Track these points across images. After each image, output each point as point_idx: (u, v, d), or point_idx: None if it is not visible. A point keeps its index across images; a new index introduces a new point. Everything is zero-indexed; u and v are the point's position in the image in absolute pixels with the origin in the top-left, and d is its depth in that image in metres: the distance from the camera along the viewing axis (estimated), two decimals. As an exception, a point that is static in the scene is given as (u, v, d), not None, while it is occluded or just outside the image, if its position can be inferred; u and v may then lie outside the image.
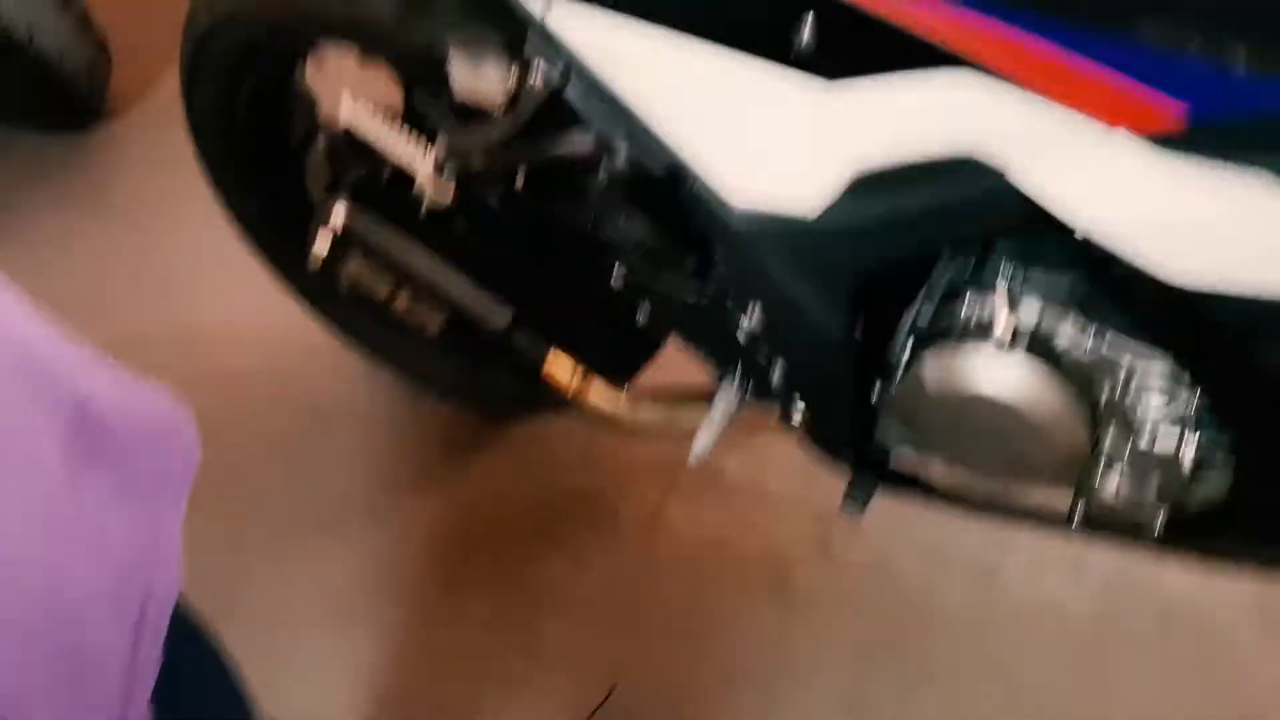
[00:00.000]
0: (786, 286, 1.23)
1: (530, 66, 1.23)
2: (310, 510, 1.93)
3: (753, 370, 1.37)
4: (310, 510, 1.93)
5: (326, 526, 1.91)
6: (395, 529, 1.89)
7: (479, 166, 1.32)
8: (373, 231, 1.40)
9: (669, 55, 1.14)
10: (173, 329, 2.25)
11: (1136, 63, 0.90)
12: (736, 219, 1.20)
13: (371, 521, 1.91)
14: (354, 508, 1.93)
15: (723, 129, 1.16)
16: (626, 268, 1.34)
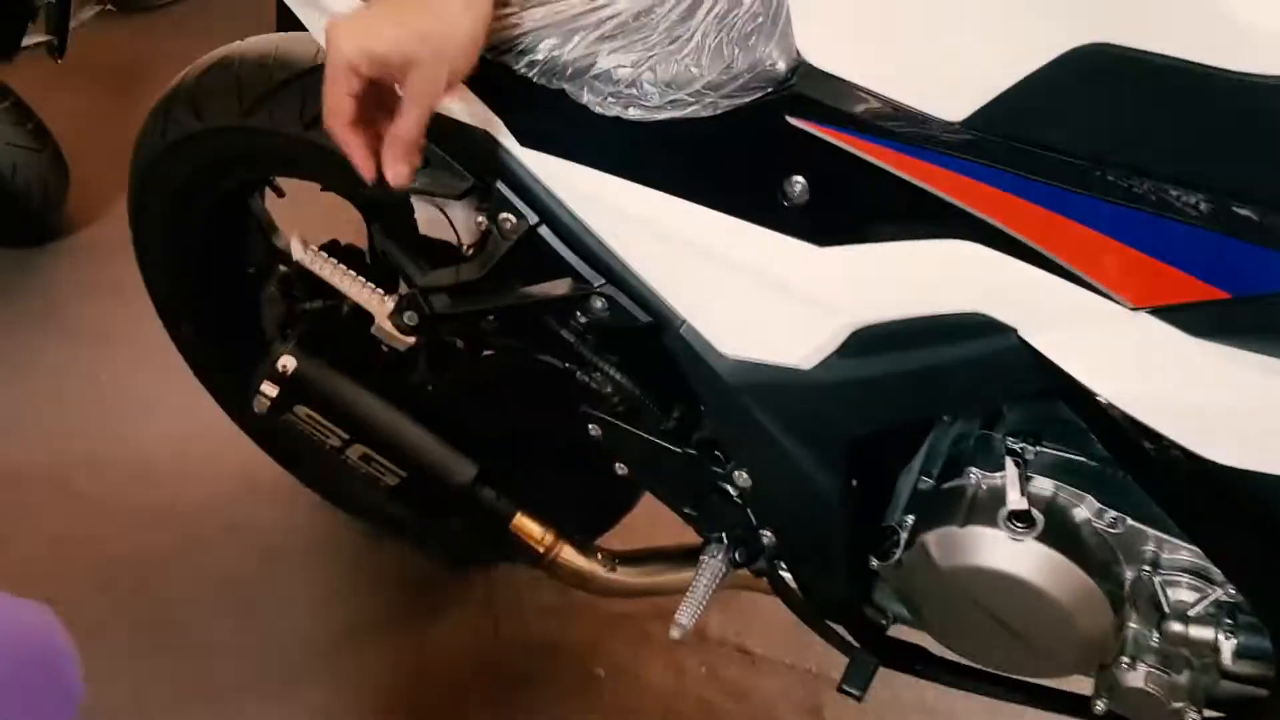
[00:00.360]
0: (777, 441, 1.13)
1: (501, 207, 1.13)
2: (254, 663, 1.79)
3: (739, 531, 1.26)
4: (254, 663, 1.79)
5: (270, 682, 1.76)
6: (344, 691, 1.74)
7: (444, 310, 1.21)
8: (324, 379, 1.28)
9: (652, 210, 1.05)
10: (123, 454, 2.14)
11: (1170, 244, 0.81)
12: (725, 368, 1.10)
13: (318, 679, 1.76)
14: (299, 661, 1.79)
15: (710, 281, 1.07)
16: (603, 418, 1.23)
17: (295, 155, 1.36)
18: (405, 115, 0.99)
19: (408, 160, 1.02)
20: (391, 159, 1.02)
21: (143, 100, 2.83)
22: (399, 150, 1.01)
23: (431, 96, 0.98)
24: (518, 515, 1.34)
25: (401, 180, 1.03)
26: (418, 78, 0.96)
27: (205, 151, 1.44)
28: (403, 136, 1.00)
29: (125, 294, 2.39)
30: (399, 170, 1.02)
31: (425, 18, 0.95)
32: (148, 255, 1.64)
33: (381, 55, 0.95)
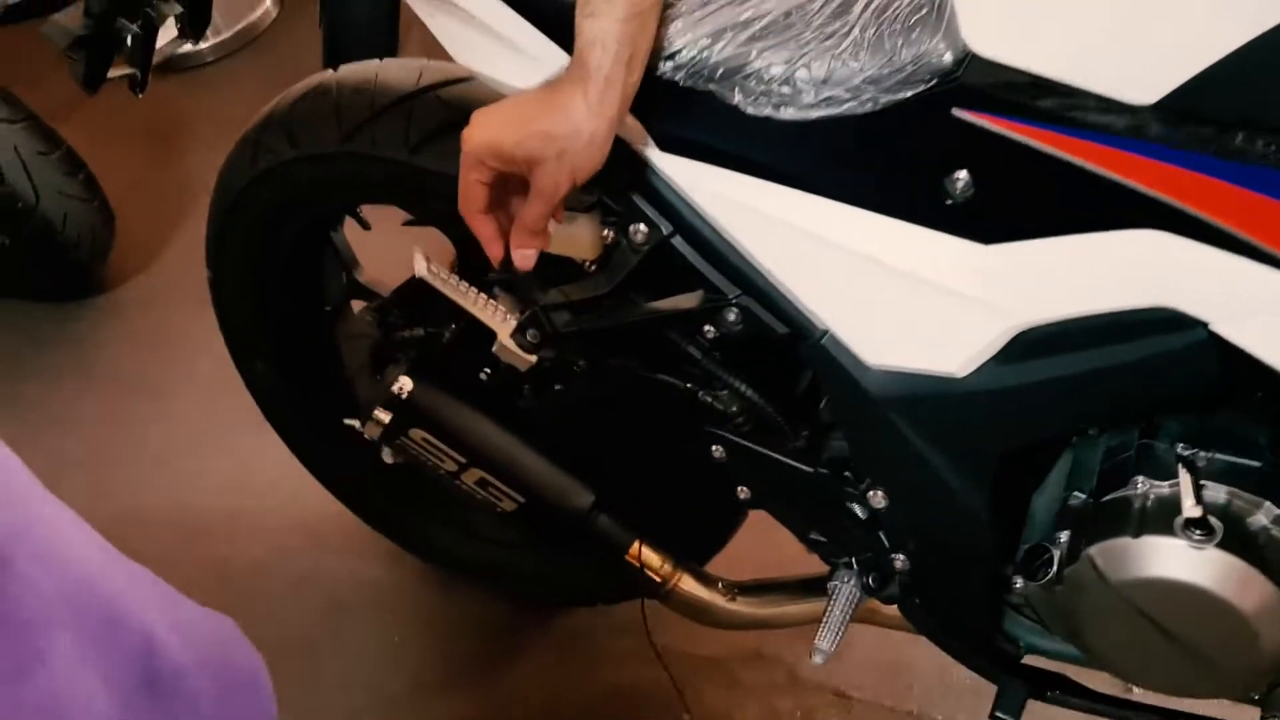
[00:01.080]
0: (922, 457, 1.08)
1: (633, 218, 1.10)
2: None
3: (870, 556, 1.21)
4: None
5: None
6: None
7: (566, 327, 1.17)
8: (441, 403, 1.24)
9: (801, 214, 1.02)
10: (173, 511, 2.07)
11: None
12: (870, 379, 1.06)
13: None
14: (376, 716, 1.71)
15: (859, 286, 1.03)
16: (728, 438, 1.19)
17: (398, 181, 1.33)
18: (530, 207, 1.01)
19: (533, 245, 1.05)
20: (517, 244, 1.05)
21: (184, 157, 2.86)
22: (524, 237, 1.04)
23: (555, 192, 0.99)
24: (635, 543, 1.29)
25: (527, 264, 1.06)
26: (542, 174, 0.98)
27: (298, 180, 1.41)
28: (528, 225, 1.03)
29: (172, 346, 2.38)
30: (524, 254, 1.05)
31: (552, 118, 0.96)
32: (224, 291, 1.60)
33: (507, 152, 0.98)
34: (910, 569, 1.19)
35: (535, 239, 1.04)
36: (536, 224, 1.02)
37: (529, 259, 1.05)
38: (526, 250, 1.04)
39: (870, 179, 1.00)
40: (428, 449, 1.24)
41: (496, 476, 1.24)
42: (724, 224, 1.07)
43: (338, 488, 1.77)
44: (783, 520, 1.25)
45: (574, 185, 0.99)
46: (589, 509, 1.27)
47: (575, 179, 0.99)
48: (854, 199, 1.01)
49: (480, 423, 1.25)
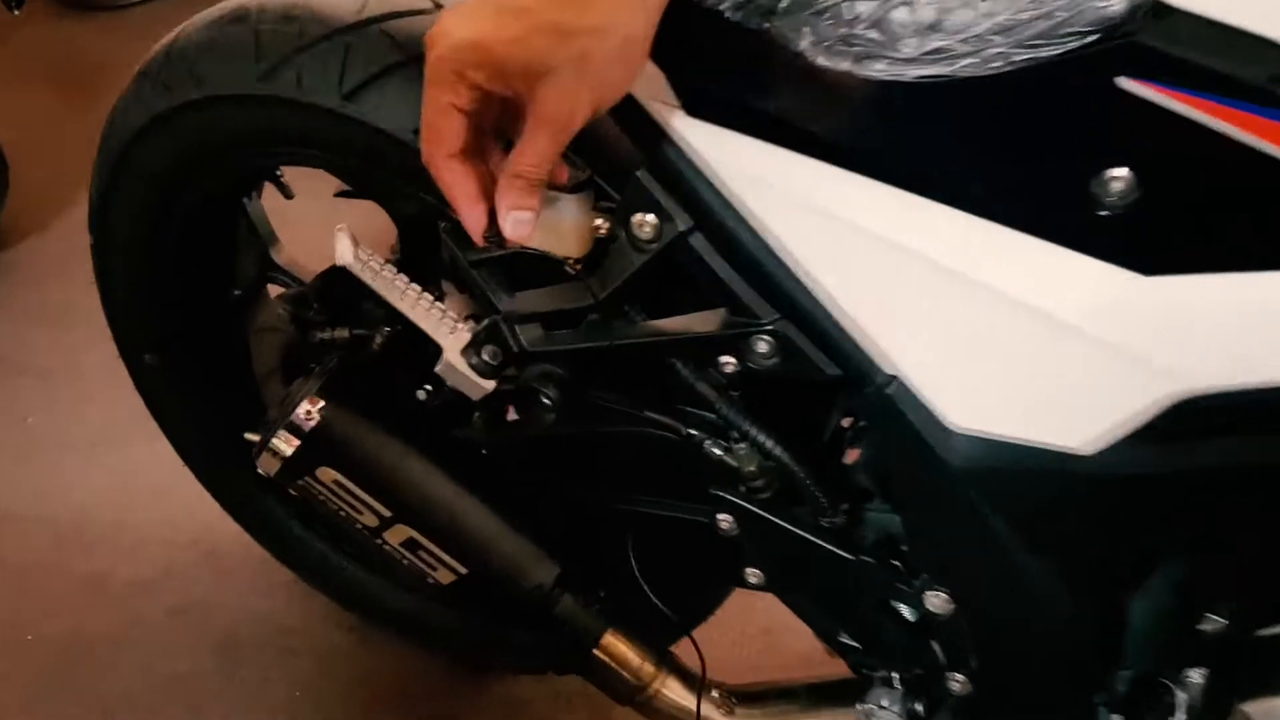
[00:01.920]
0: (1010, 553, 0.80)
1: (639, 205, 0.80)
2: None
3: (918, 671, 0.91)
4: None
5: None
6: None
7: (536, 346, 0.87)
8: (362, 435, 0.93)
9: (878, 214, 0.73)
10: (48, 516, 1.75)
11: None
12: (952, 445, 0.78)
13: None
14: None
15: (954, 318, 0.74)
16: (740, 506, 0.89)
17: (327, 135, 1.02)
18: (529, 143, 0.71)
19: (530, 204, 0.74)
20: (509, 202, 0.74)
21: (97, 106, 2.48)
22: (518, 192, 0.74)
23: (566, 121, 0.70)
24: (608, 634, 0.98)
25: (521, 232, 0.75)
26: (548, 92, 0.68)
27: (203, 128, 1.10)
28: (525, 173, 0.73)
29: (63, 324, 2.05)
30: (518, 217, 0.75)
31: (566, 5, 0.66)
32: (109, 263, 1.28)
33: (498, 57, 0.68)
34: (972, 694, 0.90)
35: (532, 194, 0.74)
36: (536, 170, 0.72)
37: (524, 223, 0.75)
38: (520, 212, 0.74)
39: (984, 171, 0.71)
40: (340, 496, 0.93)
41: (431, 538, 0.93)
42: (765, 221, 0.78)
43: (237, 508, 1.45)
44: (804, 615, 0.96)
45: (594, 113, 0.70)
46: (551, 586, 0.96)
47: (596, 103, 0.69)
48: (958, 199, 0.72)
49: (414, 465, 0.94)
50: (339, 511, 0.94)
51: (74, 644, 1.58)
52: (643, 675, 0.99)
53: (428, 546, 0.93)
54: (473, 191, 0.75)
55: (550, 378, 0.89)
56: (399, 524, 0.93)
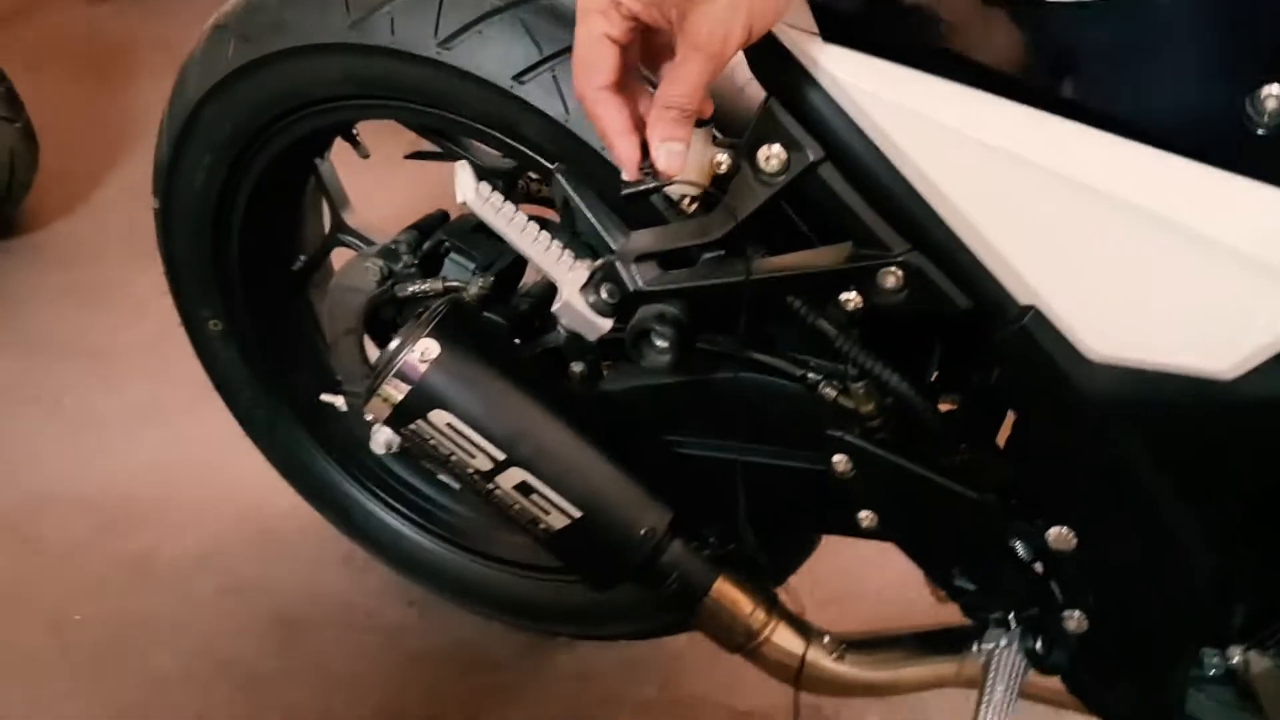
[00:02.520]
0: (1145, 486, 0.79)
1: (768, 136, 0.79)
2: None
3: (1034, 612, 0.91)
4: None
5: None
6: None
7: (654, 285, 0.86)
8: (479, 376, 0.91)
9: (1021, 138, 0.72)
10: (90, 495, 1.72)
11: None
12: (1090, 376, 0.77)
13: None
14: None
15: (1099, 244, 0.73)
16: (858, 446, 0.88)
17: (419, 84, 1.01)
18: (680, 71, 0.72)
19: (682, 135, 0.75)
20: (660, 134, 0.75)
21: (127, 87, 2.49)
22: (671, 122, 0.74)
23: (721, 48, 0.70)
24: (719, 580, 0.97)
25: (675, 164, 0.76)
26: (703, 19, 0.68)
27: (286, 80, 1.08)
28: (676, 102, 0.73)
29: (96, 301, 2.03)
30: (670, 149, 0.76)
31: None
32: (174, 228, 1.26)
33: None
34: (1088, 631, 0.89)
35: (685, 124, 0.74)
36: (688, 100, 0.72)
37: (677, 155, 0.75)
38: (673, 143, 0.75)
39: (1135, 91, 0.70)
40: (452, 440, 0.91)
41: (546, 481, 0.92)
42: (903, 147, 0.77)
43: (299, 478, 1.43)
44: (917, 558, 0.95)
45: (747, 41, 0.69)
46: (665, 532, 0.95)
47: (750, 30, 0.69)
48: (1108, 121, 0.71)
49: (530, 407, 0.93)
50: (450, 456, 0.92)
51: (122, 624, 1.55)
52: (754, 622, 0.98)
53: (541, 490, 0.92)
54: (626, 124, 0.75)
55: (665, 318, 0.88)
56: (513, 467, 0.92)
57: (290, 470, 1.45)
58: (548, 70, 0.96)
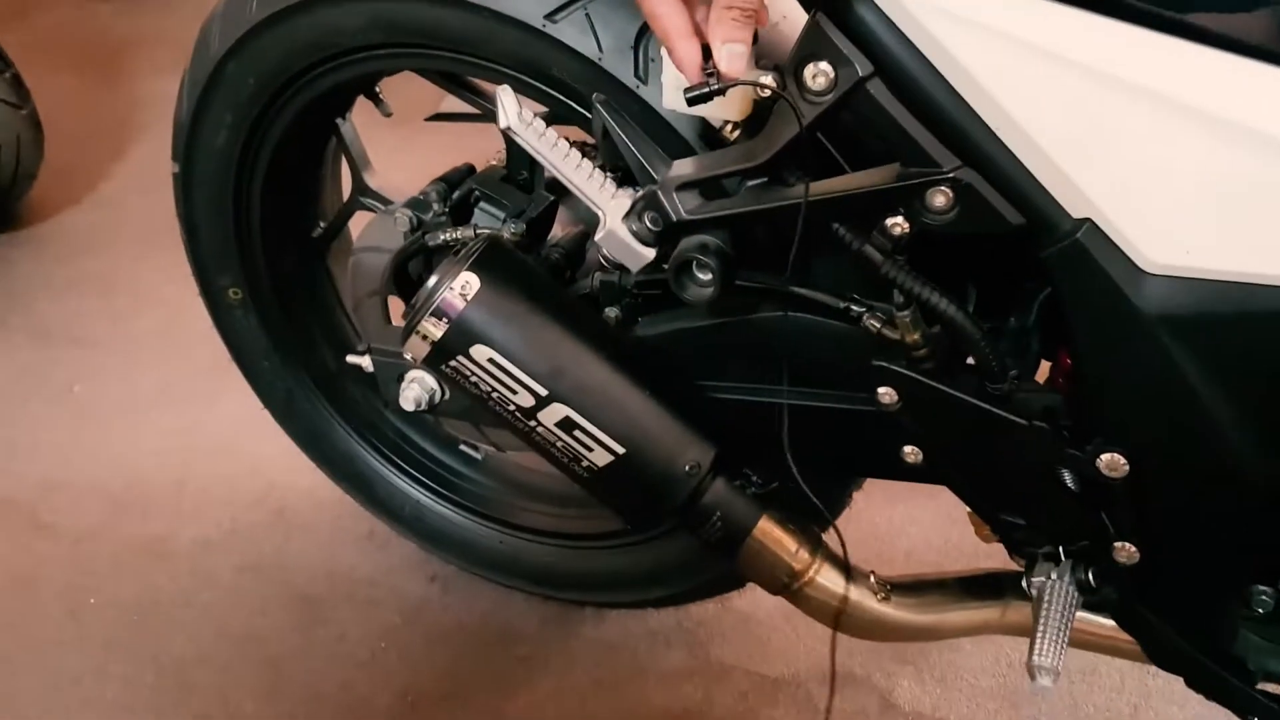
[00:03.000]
0: (1203, 404, 0.77)
1: (815, 53, 0.78)
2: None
3: (1086, 544, 0.89)
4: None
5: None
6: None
7: (697, 213, 0.85)
8: (517, 310, 0.90)
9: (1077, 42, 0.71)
10: (104, 479, 1.70)
11: None
12: (1147, 289, 0.76)
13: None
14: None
15: (1158, 148, 0.72)
16: (905, 375, 0.87)
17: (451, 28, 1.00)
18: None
19: (743, 36, 0.76)
20: (722, 35, 0.76)
21: (132, 82, 2.48)
22: (730, 24, 0.75)
23: None
24: (763, 519, 0.96)
25: (737, 66, 0.77)
26: None
27: (308, 31, 1.07)
28: (737, 2, 0.75)
29: (104, 291, 2.02)
30: (732, 50, 0.76)
31: None
32: (194, 192, 1.25)
33: None
34: (1139, 563, 0.88)
35: (746, 26, 0.75)
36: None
37: (739, 56, 0.75)
38: (735, 45, 0.75)
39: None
40: (493, 377, 0.90)
41: (589, 417, 0.90)
42: (957, 56, 0.76)
43: (319, 450, 1.41)
44: (965, 493, 0.93)
45: None
46: (709, 468, 0.93)
47: None
48: (1165, 22, 0.70)
49: (573, 341, 0.91)
50: (490, 394, 0.91)
51: (141, 606, 1.53)
52: (798, 562, 0.96)
53: (584, 426, 0.90)
54: (687, 26, 0.75)
55: (708, 248, 0.87)
56: (555, 403, 0.90)
57: (310, 443, 1.43)
58: (580, 8, 0.96)
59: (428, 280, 0.89)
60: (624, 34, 0.94)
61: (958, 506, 0.97)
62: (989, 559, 1.07)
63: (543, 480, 1.41)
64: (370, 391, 1.34)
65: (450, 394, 1.09)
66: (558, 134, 0.87)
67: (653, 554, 1.27)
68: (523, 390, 0.89)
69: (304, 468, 1.51)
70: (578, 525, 1.33)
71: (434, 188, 1.10)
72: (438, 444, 1.41)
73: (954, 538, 1.43)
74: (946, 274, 0.87)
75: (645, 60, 0.94)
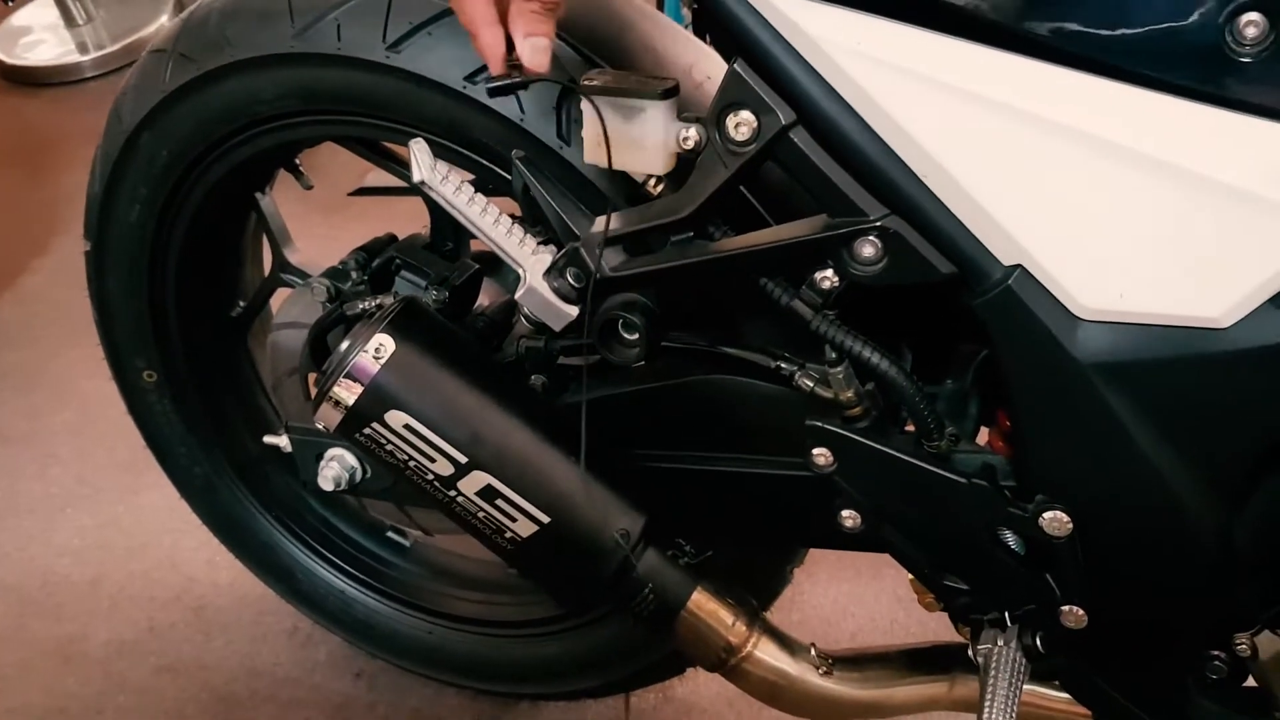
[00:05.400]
0: (1144, 452, 0.75)
1: (739, 102, 0.76)
2: None
3: (1030, 608, 0.86)
4: None
5: None
6: None
7: (620, 270, 0.82)
8: (434, 373, 0.85)
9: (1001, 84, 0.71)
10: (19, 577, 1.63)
11: None
12: (1080, 336, 0.74)
13: None
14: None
15: (1088, 189, 0.71)
16: (839, 435, 0.84)
17: (370, 93, 0.98)
18: None
19: (545, 30, 0.77)
20: (523, 29, 0.76)
21: (54, 177, 2.44)
22: (530, 18, 0.76)
23: None
24: (697, 591, 0.91)
25: (540, 60, 0.77)
26: None
27: (225, 99, 1.04)
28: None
29: (22, 385, 1.96)
30: (535, 43, 0.77)
31: None
32: (106, 270, 1.20)
33: None
34: (1087, 627, 0.85)
35: (546, 21, 0.76)
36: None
37: (541, 50, 0.76)
38: (537, 37, 0.75)
39: (1114, 28, 0.69)
40: (410, 445, 0.85)
41: (511, 484, 0.86)
42: (877, 104, 0.74)
43: (239, 540, 1.35)
44: (905, 559, 0.90)
45: None
46: (639, 538, 0.89)
47: None
48: (1089, 62, 0.69)
49: (493, 405, 0.87)
50: (407, 463, 0.86)
51: (47, 713, 1.45)
52: (735, 636, 0.92)
53: (506, 494, 0.86)
54: (492, 15, 0.75)
55: (634, 306, 0.84)
56: (475, 471, 0.86)
57: (229, 534, 1.37)
58: (501, 70, 0.93)
59: (341, 344, 0.85)
60: (546, 95, 0.92)
61: (903, 585, 0.94)
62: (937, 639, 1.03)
63: (472, 566, 1.35)
64: (291, 476, 1.28)
65: (371, 472, 1.04)
66: (474, 189, 0.84)
67: (588, 640, 1.22)
68: (441, 458, 0.85)
69: (225, 561, 1.44)
70: (509, 612, 1.28)
71: (353, 257, 1.07)
72: (363, 530, 1.35)
73: (900, 618, 1.39)
74: (880, 336, 0.84)
75: (568, 121, 0.92)
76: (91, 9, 2.79)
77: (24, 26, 2.82)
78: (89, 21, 2.78)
